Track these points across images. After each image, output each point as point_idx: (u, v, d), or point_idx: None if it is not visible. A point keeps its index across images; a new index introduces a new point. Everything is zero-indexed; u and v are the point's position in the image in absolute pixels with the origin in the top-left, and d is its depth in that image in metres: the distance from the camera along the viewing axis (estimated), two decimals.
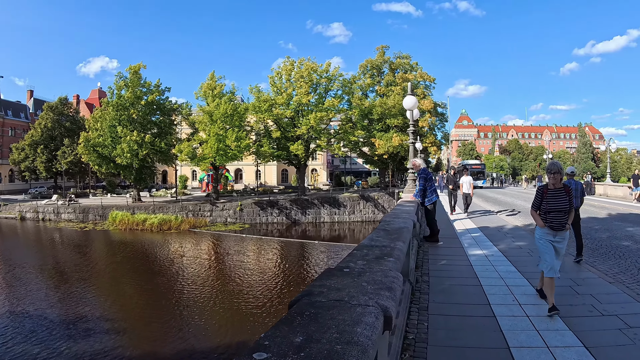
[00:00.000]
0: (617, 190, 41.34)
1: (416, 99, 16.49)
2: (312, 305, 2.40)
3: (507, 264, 10.26)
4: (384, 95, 61.12)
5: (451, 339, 5.61)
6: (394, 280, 2.91)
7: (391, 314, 2.39)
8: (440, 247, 12.52)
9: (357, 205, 55.72)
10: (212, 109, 50.26)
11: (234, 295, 23.89)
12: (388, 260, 3.56)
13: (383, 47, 65.36)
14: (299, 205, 53.96)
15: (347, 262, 3.42)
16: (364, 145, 63.97)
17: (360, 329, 2.08)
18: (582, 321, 6.40)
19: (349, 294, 2.54)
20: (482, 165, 75.63)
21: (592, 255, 12.28)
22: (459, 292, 7.83)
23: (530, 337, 5.73)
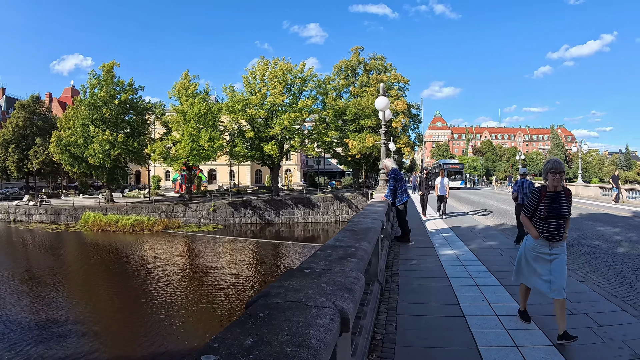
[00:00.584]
0: (588, 191, 41.95)
1: (388, 99, 16.43)
2: (268, 307, 2.33)
3: (478, 264, 10.30)
4: (358, 96, 61.28)
5: (419, 339, 5.59)
6: (354, 281, 2.83)
7: (348, 315, 2.32)
8: (411, 247, 12.54)
9: (331, 206, 55.72)
10: (185, 108, 49.84)
11: (206, 297, 23.64)
12: (351, 260, 3.49)
13: (358, 48, 65.72)
14: (272, 205, 53.72)
15: (309, 262, 3.34)
16: (337, 145, 64.02)
17: (313, 331, 2.01)
18: (551, 320, 6.30)
19: (307, 295, 2.47)
20: (460, 165, 70.32)
21: None
22: (428, 291, 7.82)
23: (499, 336, 5.74)
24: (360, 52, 65.90)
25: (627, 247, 13.65)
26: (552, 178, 5.83)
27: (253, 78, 55.13)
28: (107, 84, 50.98)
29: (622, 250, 13.22)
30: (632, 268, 10.70)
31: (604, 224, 19.44)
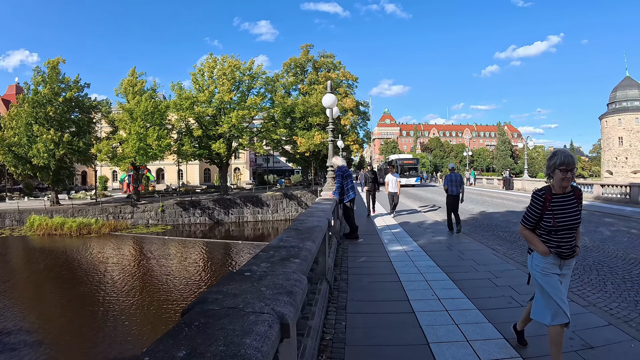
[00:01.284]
0: (534, 185, 42.90)
1: (335, 97, 16.38)
2: (204, 314, 2.17)
3: (427, 259, 10.31)
4: (306, 93, 61.49)
5: (369, 338, 5.51)
6: (295, 283, 2.70)
7: (288, 321, 2.19)
8: (360, 244, 12.53)
9: (280, 204, 55.56)
10: (132, 106, 48.39)
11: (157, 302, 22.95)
12: (293, 262, 3.36)
13: (307, 45, 66.04)
14: (221, 205, 53.13)
15: (250, 265, 3.19)
16: (286, 143, 63.91)
17: (249, 340, 1.87)
18: (501, 313, 6.45)
19: (245, 301, 2.32)
20: (415, 160, 63.59)
21: (510, 248, 12.63)
22: (378, 289, 7.74)
23: (449, 331, 5.71)
24: (309, 50, 66.24)
25: None
26: (561, 177, 4.49)
27: (201, 75, 54.22)
28: (51, 81, 48.82)
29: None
30: (579, 259, 10.77)
31: None
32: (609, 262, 10.69)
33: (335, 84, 61.61)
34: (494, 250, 11.84)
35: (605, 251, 12.08)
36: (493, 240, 14.06)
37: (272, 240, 4.58)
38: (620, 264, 10.47)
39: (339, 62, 67.55)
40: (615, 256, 11.42)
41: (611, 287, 8.47)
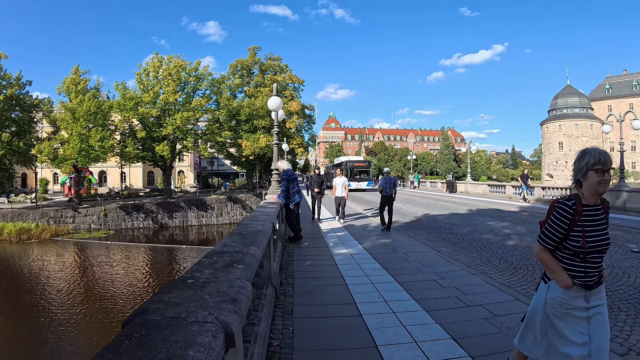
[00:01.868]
0: (477, 188, 44.05)
1: (281, 100, 16.34)
2: (145, 325, 2.05)
3: (372, 262, 10.33)
4: (252, 96, 60.97)
5: (317, 342, 5.45)
6: (239, 290, 2.60)
7: (233, 330, 2.09)
8: (305, 247, 12.49)
9: (225, 207, 54.98)
10: (75, 105, 46.43)
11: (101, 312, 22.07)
12: (237, 267, 3.25)
13: (255, 48, 65.90)
14: (165, 208, 52.04)
15: (193, 271, 3.07)
16: (231, 146, 63.60)
17: (192, 351, 1.76)
18: (448, 313, 6.50)
19: (188, 310, 2.20)
20: (366, 163, 59.02)
21: (455, 249, 12.83)
22: (324, 292, 7.70)
23: (398, 333, 5.70)
24: (257, 52, 66.20)
25: (516, 240, 14.33)
26: (597, 180, 3.50)
27: (146, 75, 52.90)
28: None
29: (511, 243, 13.80)
30: (522, 259, 11.22)
31: (494, 218, 20.33)
32: None
33: (282, 87, 62.06)
34: (438, 251, 11.99)
35: None
36: (437, 242, 14.25)
37: (216, 245, 4.46)
38: None
39: (286, 65, 67.68)
40: None
41: None
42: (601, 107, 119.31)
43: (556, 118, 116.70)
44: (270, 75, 63.02)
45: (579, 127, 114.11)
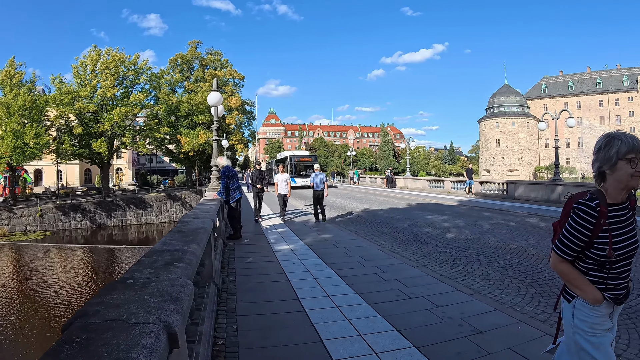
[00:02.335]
0: (416, 183, 44.96)
1: (221, 95, 16.18)
2: (85, 329, 1.98)
3: (314, 257, 10.39)
4: (192, 91, 60.26)
5: (262, 339, 5.42)
6: (181, 289, 2.55)
7: (175, 330, 2.05)
8: (246, 244, 12.44)
9: (164, 206, 54.18)
10: (9, 100, 44.06)
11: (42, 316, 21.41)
12: (178, 266, 3.19)
13: (195, 42, 64.92)
14: (103, 207, 50.43)
15: (133, 271, 3.00)
16: (170, 142, 62.50)
17: (135, 354, 1.71)
18: (391, 306, 6.60)
19: (129, 311, 2.15)
20: (313, 157, 54.78)
21: (395, 243, 13.03)
22: (267, 289, 7.66)
23: (342, 327, 5.74)
24: (197, 47, 65.17)
25: (455, 233, 14.66)
26: (629, 172, 2.86)
27: (84, 69, 50.48)
28: None
29: (451, 236, 14.11)
30: (462, 251, 11.47)
31: (433, 212, 20.73)
32: (490, 253, 11.32)
33: (222, 83, 61.20)
34: (379, 245, 12.17)
35: (486, 243, 12.79)
36: (378, 236, 14.43)
37: (156, 244, 4.38)
38: (501, 254, 11.14)
39: (227, 60, 67.14)
40: (496, 247, 12.12)
41: (494, 275, 9.00)
42: (537, 105, 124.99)
43: (493, 116, 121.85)
44: (210, 70, 62.52)
45: (516, 125, 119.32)
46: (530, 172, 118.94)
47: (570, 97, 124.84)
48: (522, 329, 5.73)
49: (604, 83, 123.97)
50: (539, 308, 6.99)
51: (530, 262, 10.18)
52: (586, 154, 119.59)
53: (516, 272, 9.29)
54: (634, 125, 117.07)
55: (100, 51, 51.30)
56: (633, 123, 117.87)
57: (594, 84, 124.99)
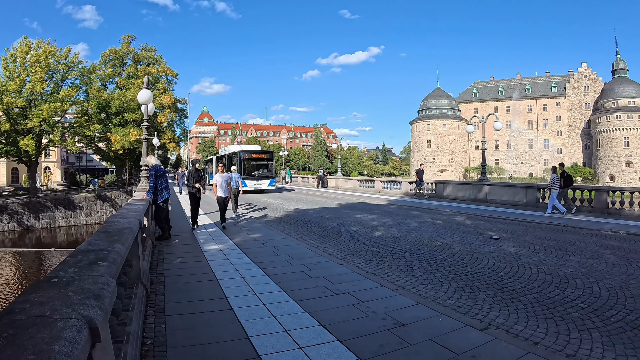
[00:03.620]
0: (347, 183, 45.56)
1: (152, 93, 15.97)
2: (12, 325, 2.09)
3: (243, 257, 10.49)
4: (124, 87, 58.29)
5: (190, 338, 5.49)
6: (103, 287, 2.68)
7: (97, 324, 2.18)
8: (175, 245, 12.39)
9: (94, 206, 52.71)
10: None
11: None
12: (102, 265, 3.29)
13: (129, 36, 63.08)
14: (31, 209, 48.36)
15: (58, 271, 3.09)
16: (100, 140, 60.78)
17: (58, 346, 1.84)
18: (317, 302, 6.80)
19: (52, 308, 2.26)
20: (268, 154, 42.53)
21: (324, 242, 13.26)
22: (195, 289, 7.72)
23: (268, 324, 5.87)
24: (131, 42, 63.45)
25: (383, 231, 15.02)
26: None
27: (13, 61, 47.88)
28: None
29: (378, 234, 14.43)
30: (388, 249, 11.81)
31: (362, 211, 21.09)
32: (416, 250, 11.74)
33: (155, 79, 60.14)
34: (308, 244, 12.37)
35: (413, 240, 13.24)
36: (307, 235, 14.67)
37: (81, 244, 4.43)
38: (427, 251, 11.58)
39: (160, 56, 65.68)
40: (422, 244, 12.57)
41: (418, 271, 9.35)
42: (468, 109, 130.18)
43: (425, 118, 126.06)
44: (143, 67, 60.80)
45: (447, 127, 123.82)
46: (461, 172, 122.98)
47: (500, 102, 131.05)
48: (443, 321, 6.04)
49: (533, 89, 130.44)
50: (461, 301, 7.35)
51: (454, 258, 10.66)
52: (514, 156, 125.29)
53: (440, 267, 9.68)
54: (561, 129, 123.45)
55: (30, 42, 48.90)
56: (560, 127, 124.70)
57: (524, 89, 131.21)
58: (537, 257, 10.78)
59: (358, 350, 5.05)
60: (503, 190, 25.93)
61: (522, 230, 15.57)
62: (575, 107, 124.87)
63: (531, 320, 6.43)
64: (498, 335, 5.70)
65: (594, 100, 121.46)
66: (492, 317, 6.57)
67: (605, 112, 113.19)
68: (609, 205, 20.34)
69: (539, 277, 8.88)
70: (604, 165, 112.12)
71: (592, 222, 17.38)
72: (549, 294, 7.70)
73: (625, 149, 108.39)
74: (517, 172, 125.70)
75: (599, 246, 12.30)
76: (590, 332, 6.00)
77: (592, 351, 5.42)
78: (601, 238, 13.80)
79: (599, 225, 16.28)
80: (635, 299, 7.41)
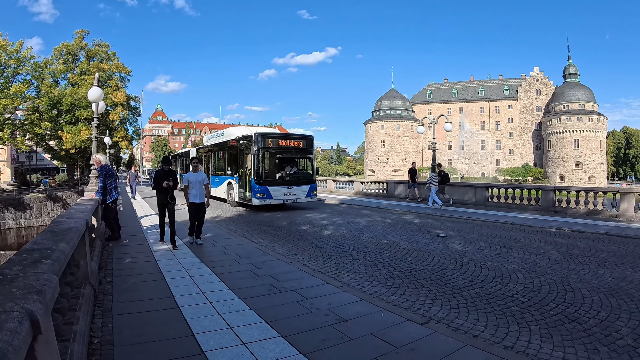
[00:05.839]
0: None
1: (102, 91, 15.75)
2: None
3: (192, 256, 10.55)
4: (76, 84, 56.71)
5: (137, 336, 5.54)
6: (45, 283, 2.82)
7: (37, 317, 2.35)
8: (125, 245, 12.28)
9: (45, 207, 51.15)
10: None
11: None
12: (45, 263, 3.41)
13: (83, 31, 61.29)
14: None
15: (3, 269, 3.20)
16: (51, 138, 59.07)
17: (0, 335, 2.01)
18: (262, 300, 6.95)
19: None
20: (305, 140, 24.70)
21: (272, 241, 13.42)
22: (143, 288, 7.75)
23: (213, 321, 5.97)
24: (85, 37, 61.57)
25: (332, 230, 15.28)
26: None
27: None
28: None
29: (327, 233, 14.67)
30: (336, 247, 12.07)
31: (313, 211, 21.22)
32: (363, 248, 12.02)
33: (107, 76, 58.84)
34: (257, 243, 12.51)
35: (361, 239, 13.53)
36: (257, 234, 14.81)
37: (27, 244, 4.49)
38: (374, 249, 11.88)
39: (114, 52, 64.02)
40: (369, 242, 12.88)
41: (364, 268, 9.62)
42: (422, 110, 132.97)
43: (379, 118, 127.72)
44: (96, 63, 59.24)
45: (400, 128, 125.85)
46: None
47: (453, 104, 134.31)
48: (385, 316, 6.27)
49: (486, 91, 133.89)
50: (404, 297, 7.60)
51: (400, 256, 10.98)
52: (467, 156, 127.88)
53: (386, 265, 9.96)
54: (512, 131, 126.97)
55: None
56: (512, 129, 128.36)
57: (477, 92, 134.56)
58: (481, 254, 11.23)
59: (300, 345, 5.21)
60: (453, 190, 26.48)
61: (469, 228, 16.12)
62: (527, 109, 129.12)
63: (472, 314, 6.70)
64: (438, 329, 5.93)
65: (546, 103, 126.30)
66: (433, 311, 6.83)
67: (556, 114, 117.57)
68: (556, 203, 21.05)
69: (482, 272, 9.27)
70: (554, 166, 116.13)
71: (539, 220, 18.07)
72: (490, 289, 8.05)
73: (575, 150, 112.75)
74: (470, 172, 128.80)
75: (543, 243, 12.89)
76: (529, 325, 6.29)
77: (530, 342, 5.70)
78: (546, 235, 14.41)
79: (544, 223, 16.92)
80: (575, 293, 7.80)
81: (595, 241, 13.35)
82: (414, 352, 5.13)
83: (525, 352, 5.45)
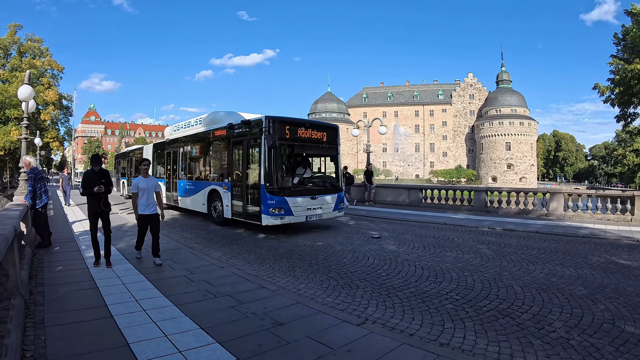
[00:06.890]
0: None
1: (32, 89, 15.22)
2: None
3: (125, 263, 10.35)
4: (7, 81, 54.37)
5: (70, 348, 5.42)
6: None
7: None
8: (56, 252, 11.86)
9: None
10: None
11: None
12: None
13: (16, 25, 58.33)
14: None
15: None
16: None
17: None
18: (197, 306, 6.94)
19: None
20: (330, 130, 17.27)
21: (207, 245, 13.40)
22: (75, 298, 7.56)
23: (148, 330, 5.91)
24: (17, 31, 58.68)
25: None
26: None
27: None
28: None
29: (262, 236, 14.58)
30: (271, 250, 12.22)
31: None
32: (298, 250, 12.19)
33: (39, 73, 56.61)
34: (191, 248, 12.45)
35: (295, 242, 13.64)
36: (192, 239, 14.66)
37: None
38: (308, 251, 12.05)
39: (47, 48, 61.20)
40: (304, 245, 13.06)
41: (299, 271, 9.73)
42: (358, 113, 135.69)
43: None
44: (28, 59, 56.38)
45: None
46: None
47: (389, 107, 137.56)
48: (321, 318, 6.38)
49: (421, 96, 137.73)
50: (340, 299, 7.72)
51: (336, 258, 11.16)
52: (401, 158, 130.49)
53: (321, 267, 10.11)
54: (446, 134, 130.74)
55: None
56: (445, 132, 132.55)
57: (412, 96, 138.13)
58: (415, 254, 11.52)
59: (237, 351, 5.23)
60: (387, 192, 26.96)
61: (403, 229, 16.50)
62: (461, 113, 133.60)
63: (407, 314, 6.88)
64: (374, 329, 6.06)
65: (479, 108, 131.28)
66: (369, 312, 6.97)
67: (489, 118, 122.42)
68: (488, 204, 21.68)
69: (417, 272, 9.51)
70: (487, 167, 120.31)
71: (472, 220, 18.66)
72: (425, 288, 8.29)
73: (506, 152, 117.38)
74: (404, 173, 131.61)
75: (476, 242, 13.38)
76: (463, 322, 6.52)
77: (465, 339, 5.91)
78: (478, 234, 14.95)
79: (477, 223, 17.48)
80: (507, 289, 8.14)
81: (526, 239, 13.96)
82: (351, 353, 5.25)
83: (461, 348, 5.65)
